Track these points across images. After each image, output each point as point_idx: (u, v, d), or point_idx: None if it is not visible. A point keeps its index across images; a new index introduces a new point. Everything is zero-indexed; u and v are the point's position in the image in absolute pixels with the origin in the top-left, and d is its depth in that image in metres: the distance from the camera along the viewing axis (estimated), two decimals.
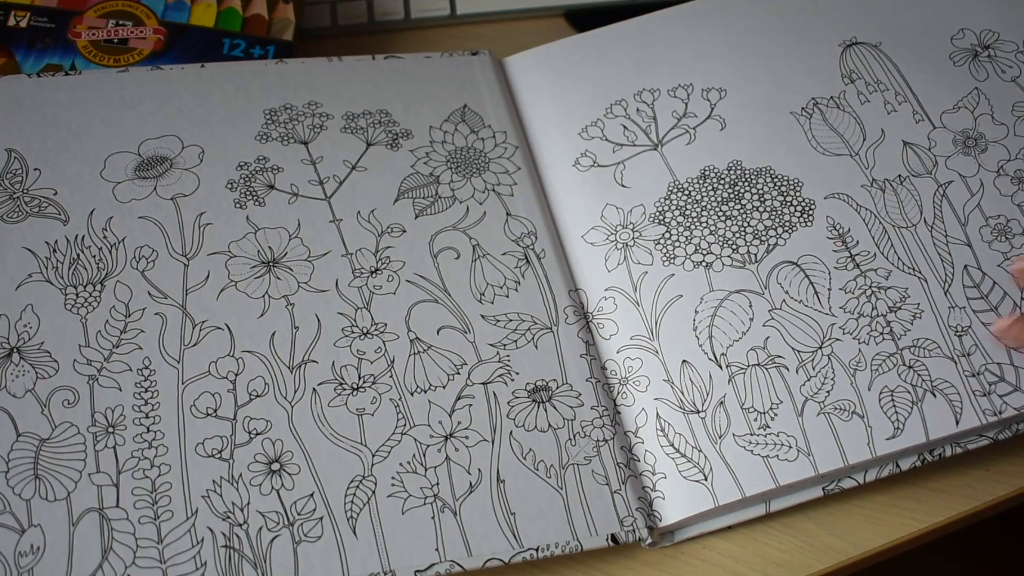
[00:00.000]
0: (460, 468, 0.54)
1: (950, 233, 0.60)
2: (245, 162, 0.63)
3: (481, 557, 0.51)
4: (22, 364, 0.54)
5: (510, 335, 0.58)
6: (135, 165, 0.62)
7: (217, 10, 0.72)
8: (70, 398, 0.54)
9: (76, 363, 0.55)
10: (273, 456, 0.53)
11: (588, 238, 0.62)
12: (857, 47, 0.68)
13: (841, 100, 0.65)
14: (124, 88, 0.65)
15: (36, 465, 0.52)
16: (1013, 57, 0.66)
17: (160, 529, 0.50)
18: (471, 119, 0.67)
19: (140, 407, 0.54)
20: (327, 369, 0.56)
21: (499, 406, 0.56)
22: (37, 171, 0.61)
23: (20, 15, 0.70)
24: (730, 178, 0.63)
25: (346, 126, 0.66)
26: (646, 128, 0.66)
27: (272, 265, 0.59)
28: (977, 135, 0.63)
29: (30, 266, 0.57)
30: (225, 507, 0.51)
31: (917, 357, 0.56)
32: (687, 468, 0.54)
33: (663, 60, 0.69)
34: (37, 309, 0.56)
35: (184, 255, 0.59)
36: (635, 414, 0.56)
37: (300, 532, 0.51)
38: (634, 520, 0.53)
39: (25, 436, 0.52)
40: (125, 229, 0.59)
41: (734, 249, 0.60)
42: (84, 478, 0.51)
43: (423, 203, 0.63)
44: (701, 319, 0.58)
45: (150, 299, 0.57)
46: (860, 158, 0.63)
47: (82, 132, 0.63)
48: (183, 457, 0.53)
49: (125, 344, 0.55)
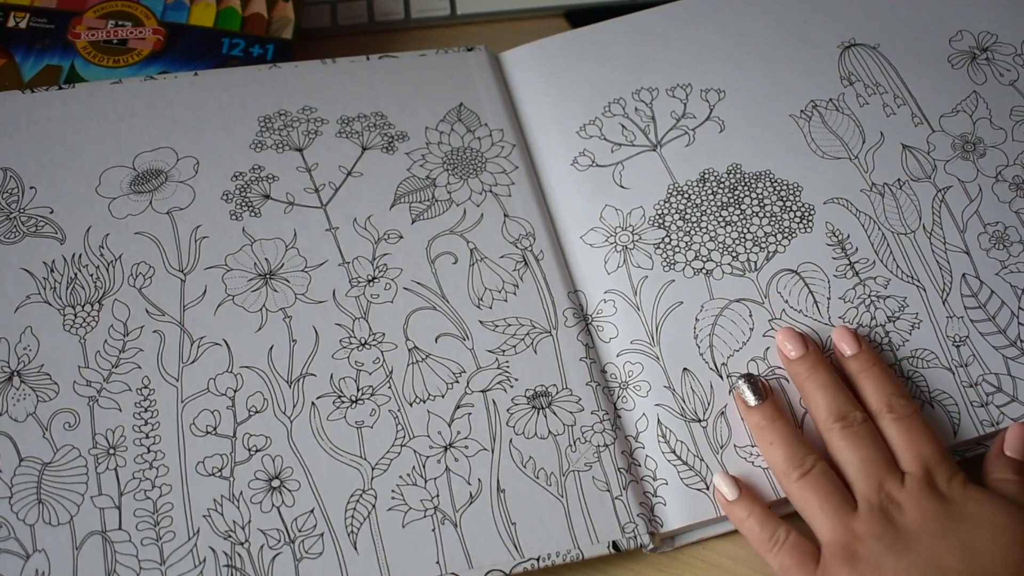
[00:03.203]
0: (460, 479, 0.54)
1: (949, 240, 0.59)
2: (240, 172, 0.63)
3: (482, 569, 0.51)
4: (23, 388, 0.55)
5: (509, 340, 0.58)
6: (130, 179, 0.62)
7: (216, 10, 0.71)
8: (71, 420, 0.54)
9: (76, 385, 0.55)
10: (273, 473, 0.53)
11: (587, 239, 0.62)
12: (856, 49, 0.66)
13: (840, 102, 0.64)
14: (117, 100, 0.65)
15: (39, 489, 0.52)
16: (1011, 60, 0.65)
17: (163, 550, 0.51)
18: (467, 117, 0.67)
19: (140, 427, 0.54)
20: (325, 382, 0.56)
21: (498, 414, 0.56)
22: (33, 189, 0.61)
23: (19, 16, 0.69)
24: (729, 182, 0.62)
25: (341, 130, 0.65)
26: (645, 128, 0.65)
27: (269, 277, 0.59)
28: (976, 139, 0.62)
29: (28, 287, 0.58)
30: (226, 526, 0.52)
31: (915, 368, 0.55)
32: (689, 475, 0.54)
33: (661, 58, 0.67)
34: (36, 331, 0.56)
35: (181, 270, 0.59)
36: (636, 419, 0.56)
37: (301, 549, 0.51)
38: (636, 526, 0.53)
39: (27, 461, 0.53)
40: (122, 246, 0.59)
41: (734, 256, 0.60)
42: (87, 501, 0.52)
43: (420, 207, 0.62)
44: (702, 327, 0.58)
45: (148, 317, 0.57)
46: (859, 161, 0.62)
47: (76, 147, 0.63)
48: (184, 476, 0.53)
49: (124, 364, 0.56)
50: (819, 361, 0.54)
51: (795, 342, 0.55)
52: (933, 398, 0.55)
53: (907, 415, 0.51)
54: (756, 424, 0.54)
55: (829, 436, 0.52)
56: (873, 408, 0.52)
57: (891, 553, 0.47)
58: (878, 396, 0.52)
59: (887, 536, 0.47)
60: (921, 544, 0.47)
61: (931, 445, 0.50)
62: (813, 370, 0.54)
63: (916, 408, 0.52)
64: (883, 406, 0.52)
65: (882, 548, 0.47)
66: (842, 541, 0.48)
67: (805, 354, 0.54)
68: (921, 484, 0.49)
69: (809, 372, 0.54)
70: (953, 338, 0.56)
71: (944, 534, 0.47)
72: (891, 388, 0.52)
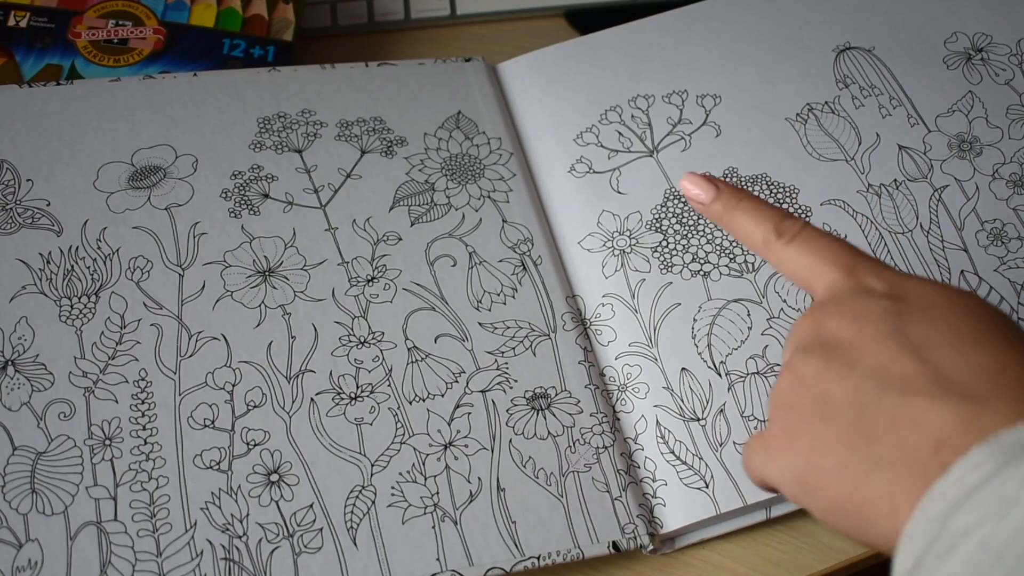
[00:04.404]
0: (460, 477, 0.53)
1: (946, 238, 0.60)
2: (239, 171, 0.63)
3: (482, 566, 0.51)
4: (17, 377, 0.54)
5: (508, 342, 0.58)
6: (128, 175, 0.61)
7: (217, 10, 0.71)
8: (66, 411, 0.53)
9: (72, 375, 0.54)
10: (272, 467, 0.53)
11: (585, 244, 0.62)
12: (851, 52, 0.68)
13: (836, 105, 0.65)
14: (116, 98, 0.64)
15: (33, 479, 0.51)
16: (1006, 60, 0.66)
17: (159, 542, 0.50)
18: (465, 126, 0.67)
19: (137, 419, 0.53)
20: (325, 379, 0.56)
21: (498, 414, 0.56)
22: (30, 182, 0.60)
23: (20, 15, 0.69)
24: None
25: (340, 134, 0.65)
26: (641, 134, 0.66)
27: (268, 275, 0.59)
28: (972, 139, 0.63)
29: (24, 278, 0.57)
30: (224, 519, 0.51)
31: None
32: (688, 475, 0.54)
33: (657, 66, 0.68)
34: (31, 321, 0.56)
35: (179, 265, 0.58)
36: (635, 421, 0.56)
37: (300, 543, 0.51)
38: (635, 527, 0.53)
39: (21, 450, 0.52)
40: (119, 240, 0.59)
41: (731, 258, 0.60)
42: (81, 491, 0.51)
43: (419, 211, 0.63)
44: (700, 327, 0.58)
45: (145, 310, 0.57)
46: (856, 163, 0.63)
47: (74, 142, 0.62)
48: (181, 469, 0.52)
49: (121, 356, 0.55)
50: (736, 191, 0.46)
51: (703, 184, 0.47)
52: None
53: (799, 229, 0.43)
54: (721, 210, 0.46)
55: (774, 256, 0.43)
56: (760, 242, 0.44)
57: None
58: (761, 226, 0.44)
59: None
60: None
61: (838, 243, 0.42)
62: (735, 199, 0.46)
63: (805, 222, 0.43)
64: (771, 234, 0.43)
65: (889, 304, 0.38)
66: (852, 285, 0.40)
67: (718, 191, 0.46)
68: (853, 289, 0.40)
69: (730, 204, 0.46)
70: None
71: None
72: (771, 213, 0.44)
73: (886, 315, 0.37)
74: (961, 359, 0.35)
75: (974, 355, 0.35)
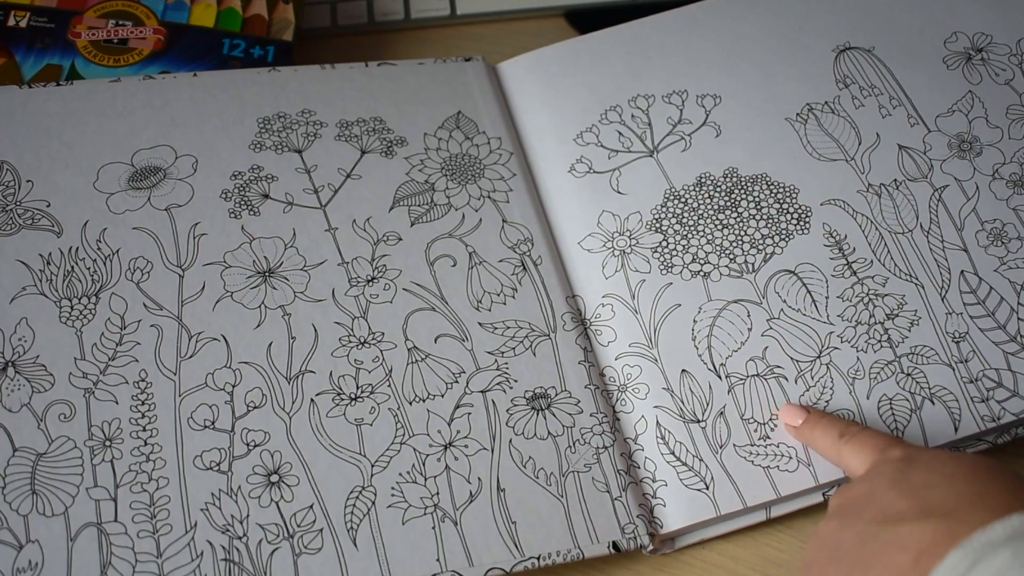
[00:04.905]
0: (460, 477, 0.53)
1: (946, 238, 0.60)
2: (239, 171, 0.63)
3: (483, 567, 0.51)
4: (17, 378, 0.54)
5: (508, 342, 0.58)
6: (128, 176, 0.61)
7: (217, 10, 0.71)
8: (66, 412, 0.53)
9: (72, 376, 0.54)
10: (272, 468, 0.53)
11: (585, 244, 0.62)
12: (851, 52, 0.68)
13: (836, 105, 0.65)
14: (116, 98, 0.64)
15: (33, 480, 0.51)
16: (1006, 60, 0.66)
17: (159, 543, 0.50)
18: (465, 125, 0.67)
19: (137, 420, 0.53)
20: (325, 379, 0.56)
21: (498, 414, 0.56)
22: (30, 183, 0.60)
23: (20, 15, 0.69)
24: (726, 185, 0.63)
25: (340, 134, 0.65)
26: (641, 134, 0.66)
27: (268, 275, 0.59)
28: (972, 138, 0.63)
29: (24, 279, 0.57)
30: (224, 520, 0.51)
31: (915, 364, 0.56)
32: (688, 476, 0.54)
33: (657, 66, 0.68)
34: (32, 322, 0.56)
35: (179, 266, 0.58)
36: (634, 421, 0.56)
37: (300, 544, 0.51)
38: (635, 527, 0.53)
39: (22, 451, 0.52)
40: (119, 240, 0.59)
41: (731, 259, 0.60)
42: (82, 492, 0.51)
43: (419, 211, 0.63)
44: (700, 329, 0.58)
45: (146, 311, 0.57)
46: (856, 163, 0.63)
47: (74, 143, 0.62)
48: (181, 470, 0.52)
49: (121, 357, 0.55)
50: (819, 414, 0.54)
51: (794, 413, 0.55)
52: (933, 394, 0.55)
53: (857, 431, 0.51)
54: (807, 429, 0.54)
55: (838, 454, 0.51)
56: (830, 445, 0.52)
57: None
58: (830, 434, 0.52)
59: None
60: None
61: (881, 437, 0.50)
62: (816, 421, 0.54)
63: (862, 427, 0.51)
64: (836, 436, 0.51)
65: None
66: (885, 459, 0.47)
67: (807, 416, 0.54)
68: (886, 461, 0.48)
69: (812, 426, 0.54)
70: (953, 334, 0.57)
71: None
72: (838, 424, 0.52)
73: (895, 470, 0.44)
74: (950, 492, 0.41)
75: (962, 488, 0.41)
